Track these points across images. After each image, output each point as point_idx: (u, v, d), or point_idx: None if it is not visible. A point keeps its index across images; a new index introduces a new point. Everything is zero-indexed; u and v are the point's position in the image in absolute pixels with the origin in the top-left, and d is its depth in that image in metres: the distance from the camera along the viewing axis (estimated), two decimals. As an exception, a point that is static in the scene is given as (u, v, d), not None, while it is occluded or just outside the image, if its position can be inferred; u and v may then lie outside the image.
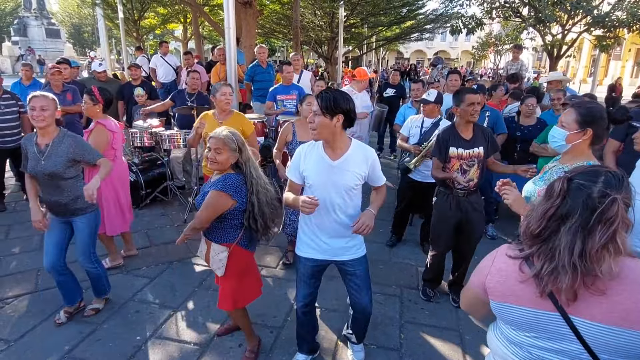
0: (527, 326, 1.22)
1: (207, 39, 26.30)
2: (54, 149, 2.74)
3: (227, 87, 3.72)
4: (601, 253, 1.08)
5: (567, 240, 1.10)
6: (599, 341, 1.12)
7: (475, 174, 3.11)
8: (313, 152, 2.25)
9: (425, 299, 3.44)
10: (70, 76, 5.92)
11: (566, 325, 1.14)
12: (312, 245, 2.36)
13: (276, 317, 3.16)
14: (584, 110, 1.99)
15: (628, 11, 8.96)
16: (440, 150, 3.12)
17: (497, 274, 1.28)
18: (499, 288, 1.26)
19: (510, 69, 8.37)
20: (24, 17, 30.84)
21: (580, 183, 1.13)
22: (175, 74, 8.78)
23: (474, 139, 3.08)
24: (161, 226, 4.77)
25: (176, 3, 16.11)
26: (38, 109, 2.66)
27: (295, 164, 2.29)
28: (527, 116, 4.60)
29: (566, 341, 1.16)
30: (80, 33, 47.79)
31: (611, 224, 1.07)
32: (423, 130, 4.08)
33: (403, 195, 4.38)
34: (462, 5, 11.13)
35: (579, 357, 1.16)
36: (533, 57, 33.51)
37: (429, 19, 19.22)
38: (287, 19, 17.74)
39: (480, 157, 3.10)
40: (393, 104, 7.55)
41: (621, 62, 25.50)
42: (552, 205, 1.15)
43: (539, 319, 1.18)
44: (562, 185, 1.15)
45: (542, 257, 1.15)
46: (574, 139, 1.99)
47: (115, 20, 16.40)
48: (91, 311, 3.14)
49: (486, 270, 1.32)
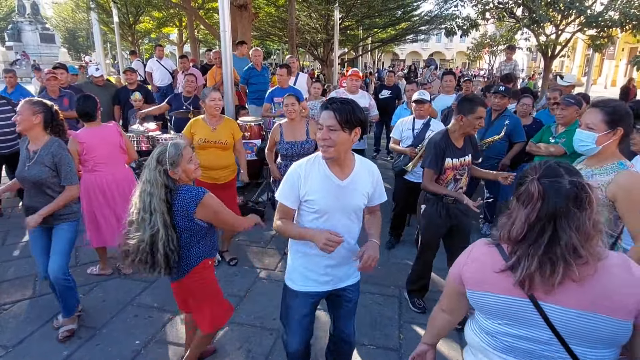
0: (500, 314, 1.26)
1: (203, 42, 26.31)
2: (39, 156, 2.71)
3: (216, 92, 3.67)
4: (594, 235, 1.14)
5: (568, 234, 1.12)
6: (568, 327, 1.16)
7: (465, 181, 3.07)
8: (314, 172, 1.91)
9: (420, 311, 3.28)
10: (67, 81, 5.91)
11: (536, 311, 1.18)
12: (312, 276, 2.04)
13: (275, 319, 3.16)
14: (610, 109, 1.91)
15: (621, 11, 9.03)
16: (438, 161, 2.93)
17: (472, 263, 1.34)
18: (475, 276, 1.31)
19: (504, 69, 8.43)
20: (18, 22, 30.74)
21: (551, 181, 1.16)
22: (172, 77, 8.77)
23: (464, 146, 2.99)
24: (159, 230, 4.76)
25: (171, 7, 16.11)
26: (16, 114, 2.73)
27: (291, 186, 1.92)
28: (523, 116, 4.63)
29: (536, 328, 1.20)
30: (75, 37, 47.71)
31: (592, 206, 1.14)
32: (415, 132, 4.11)
33: (399, 197, 4.41)
34: (457, 7, 11.18)
35: (548, 343, 1.19)
36: (528, 58, 33.66)
37: (423, 21, 19.36)
38: (282, 22, 17.79)
39: (469, 165, 3.04)
40: (389, 105, 7.57)
41: (615, 62, 25.68)
42: (534, 208, 1.16)
43: (510, 305, 1.22)
44: (538, 188, 1.16)
45: (528, 257, 1.17)
46: (604, 140, 1.91)
47: (110, 25, 16.43)
48: (66, 333, 2.90)
49: (462, 262, 1.38)
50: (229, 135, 3.75)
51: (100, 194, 3.47)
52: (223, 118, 3.83)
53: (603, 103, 1.97)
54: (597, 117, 1.93)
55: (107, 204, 3.50)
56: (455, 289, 1.42)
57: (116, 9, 12.90)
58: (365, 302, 3.39)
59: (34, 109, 2.71)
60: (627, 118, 1.91)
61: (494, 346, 1.30)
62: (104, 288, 3.57)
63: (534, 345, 1.21)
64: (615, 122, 1.90)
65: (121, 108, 6.23)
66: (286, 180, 1.95)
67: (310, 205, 1.91)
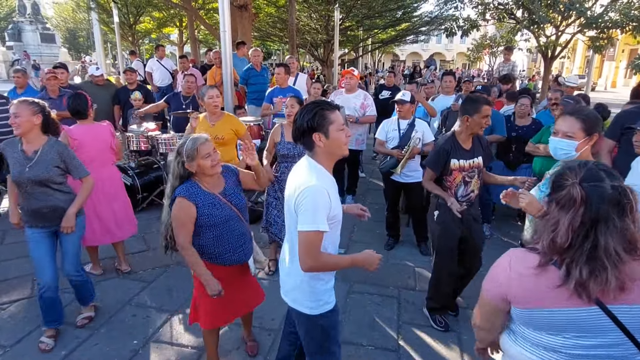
0: (566, 327, 1.21)
1: (203, 42, 26.33)
2: (43, 156, 2.69)
3: (214, 89, 3.76)
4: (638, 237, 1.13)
5: (609, 239, 1.11)
6: (637, 324, 1.16)
7: (476, 184, 2.97)
8: (330, 183, 1.80)
9: (442, 329, 3.08)
10: (67, 81, 5.90)
11: (605, 316, 1.16)
12: (332, 288, 1.99)
13: (274, 319, 3.16)
14: (585, 117, 2.02)
15: (621, 12, 9.03)
16: (439, 161, 2.89)
17: (520, 280, 1.24)
18: (528, 295, 1.23)
19: (502, 70, 8.43)
20: (19, 22, 30.74)
21: (593, 185, 1.14)
22: (172, 77, 8.78)
23: (473, 148, 2.92)
24: (158, 230, 4.71)
25: (172, 7, 16.12)
26: (12, 116, 2.62)
27: (325, 206, 1.71)
28: (521, 117, 4.62)
29: (607, 332, 1.18)
30: (75, 37, 47.77)
31: (634, 210, 1.13)
32: (401, 133, 4.10)
33: (387, 197, 4.47)
34: (457, 8, 11.18)
35: (619, 344, 1.19)
36: (528, 59, 33.70)
37: (423, 21, 19.35)
38: (282, 22, 17.79)
39: (480, 167, 2.95)
40: (389, 106, 7.56)
41: (615, 63, 25.70)
42: (576, 214, 1.13)
43: (578, 316, 1.18)
44: (580, 192, 1.13)
45: (579, 265, 1.14)
46: (583, 146, 2.02)
47: (110, 25, 16.43)
48: (84, 320, 3.07)
49: (503, 280, 1.28)
50: (229, 131, 3.79)
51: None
52: (223, 114, 3.88)
53: (577, 111, 2.07)
54: (575, 126, 2.02)
55: (92, 202, 3.44)
56: (495, 308, 1.35)
57: (117, 9, 12.90)
58: (364, 303, 3.39)
59: (33, 109, 2.68)
60: (599, 123, 2.05)
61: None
62: (103, 288, 3.56)
63: (604, 350, 1.20)
64: (591, 129, 2.01)
65: (121, 108, 6.23)
66: (320, 206, 1.70)
67: (335, 219, 1.80)
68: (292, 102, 3.86)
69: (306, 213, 1.69)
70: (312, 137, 1.77)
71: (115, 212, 3.63)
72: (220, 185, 2.36)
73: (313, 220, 1.68)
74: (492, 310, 1.38)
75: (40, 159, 2.69)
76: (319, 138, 1.76)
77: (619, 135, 3.40)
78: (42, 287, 2.79)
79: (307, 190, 1.70)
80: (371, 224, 4.90)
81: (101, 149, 3.49)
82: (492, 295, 1.33)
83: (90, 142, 3.42)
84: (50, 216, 2.77)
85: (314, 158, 1.82)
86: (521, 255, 1.28)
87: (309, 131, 1.76)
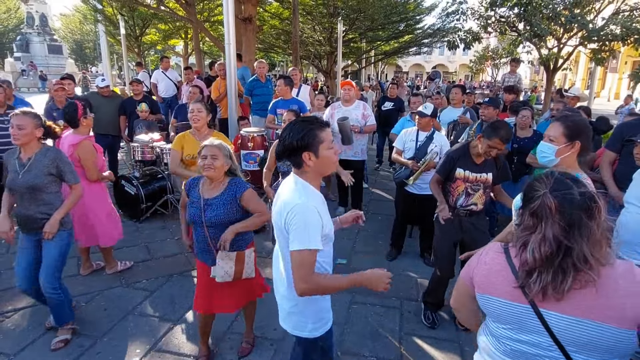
0: (503, 318, 1.30)
1: (208, 54, 26.62)
2: (35, 162, 2.73)
3: (195, 104, 3.63)
4: (602, 243, 1.16)
5: (582, 244, 1.14)
6: (567, 334, 1.18)
7: (479, 199, 3.02)
8: (319, 202, 1.74)
9: (429, 325, 3.23)
10: (74, 92, 5.99)
11: (536, 317, 1.21)
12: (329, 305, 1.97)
13: (276, 329, 3.16)
14: (570, 123, 2.03)
15: (622, 25, 9.09)
16: (446, 167, 3.05)
17: (482, 266, 1.38)
18: (483, 280, 1.36)
19: (508, 81, 8.48)
20: (27, 34, 31.31)
21: (563, 193, 1.18)
22: (176, 88, 8.88)
23: (484, 164, 2.98)
24: (161, 239, 4.79)
25: (177, 20, 16.34)
26: (15, 127, 2.65)
27: (318, 227, 1.65)
28: (522, 128, 4.65)
29: (536, 333, 1.23)
30: (82, 49, 48.42)
31: (601, 215, 1.16)
32: (418, 144, 4.12)
33: (399, 208, 4.43)
34: (459, 20, 11.28)
35: (548, 349, 1.22)
36: (530, 71, 33.83)
37: (426, 34, 19.51)
38: (286, 34, 17.98)
39: (487, 183, 3.00)
40: (391, 117, 7.62)
41: (618, 75, 25.74)
42: (553, 222, 1.17)
43: (513, 311, 1.26)
44: (553, 202, 1.17)
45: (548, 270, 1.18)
46: (563, 152, 2.03)
47: (117, 37, 16.63)
48: (60, 343, 2.91)
49: (473, 264, 1.42)
50: None
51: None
52: (212, 132, 3.74)
53: (565, 117, 2.09)
54: (558, 131, 2.04)
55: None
56: (465, 290, 1.47)
57: (123, 21, 13.10)
58: (366, 314, 3.39)
59: (36, 123, 2.73)
60: (586, 133, 2.03)
61: (499, 349, 1.35)
62: (106, 297, 3.58)
63: (535, 350, 1.25)
64: (574, 136, 2.01)
65: (127, 118, 6.31)
66: (311, 224, 1.63)
67: (325, 237, 1.72)
68: (289, 116, 3.91)
69: (297, 231, 1.61)
70: (301, 156, 1.70)
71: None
72: (214, 192, 2.49)
73: (305, 238, 1.60)
74: (461, 290, 1.51)
75: (33, 166, 2.73)
76: (308, 157, 1.70)
77: (620, 148, 3.41)
78: (43, 290, 2.86)
79: (297, 207, 1.64)
80: (374, 235, 4.91)
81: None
82: (462, 275, 1.48)
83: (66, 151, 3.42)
84: (35, 226, 2.79)
85: (302, 177, 1.75)
86: (492, 246, 1.42)
87: (298, 150, 1.69)
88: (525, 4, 9.48)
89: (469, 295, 1.45)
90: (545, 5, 9.64)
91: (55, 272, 2.87)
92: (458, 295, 1.55)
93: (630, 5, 10.10)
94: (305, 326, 1.87)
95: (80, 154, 3.46)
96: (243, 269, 2.51)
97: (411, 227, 4.85)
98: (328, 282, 1.67)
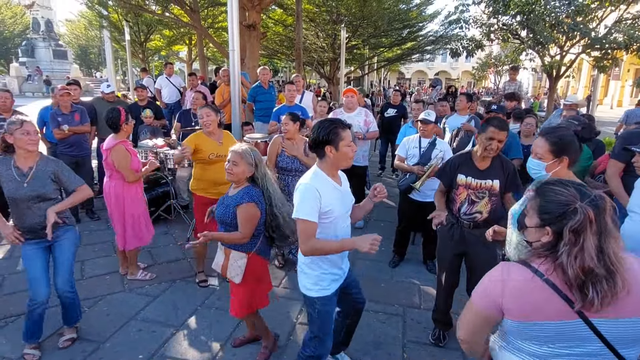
0: (551, 338, 1.28)
1: (212, 60, 26.78)
2: (39, 171, 2.75)
3: (202, 109, 3.67)
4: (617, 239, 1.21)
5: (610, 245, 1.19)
6: (617, 335, 1.22)
7: (485, 207, 2.84)
8: (324, 184, 2.12)
9: (432, 342, 3.13)
10: (79, 97, 6.02)
11: (588, 328, 1.22)
12: (335, 277, 2.30)
13: (279, 336, 3.15)
14: (555, 139, 2.04)
15: (625, 33, 9.11)
16: (445, 171, 2.96)
17: (516, 293, 1.28)
18: (522, 307, 1.27)
19: (508, 89, 8.49)
20: (32, 39, 31.59)
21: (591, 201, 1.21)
22: (180, 94, 8.93)
23: (489, 170, 2.83)
24: (164, 245, 4.79)
25: (182, 26, 16.47)
26: (33, 132, 2.69)
27: (313, 202, 2.04)
28: (527, 136, 4.66)
29: (588, 342, 1.24)
30: (86, 54, 48.82)
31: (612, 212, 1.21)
32: (422, 151, 4.12)
33: (403, 215, 4.41)
34: (462, 28, 11.33)
35: (599, 354, 1.25)
36: (533, 78, 33.86)
37: (429, 41, 19.60)
38: (289, 41, 18.10)
39: (494, 191, 2.81)
40: (394, 124, 7.64)
41: (620, 82, 25.74)
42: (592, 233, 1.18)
43: (564, 329, 1.25)
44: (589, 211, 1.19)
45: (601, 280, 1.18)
46: (552, 168, 2.05)
47: (121, 42, 16.78)
48: (67, 342, 2.99)
49: (498, 292, 1.31)
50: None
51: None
52: (222, 132, 3.85)
53: (549, 132, 2.08)
54: (544, 148, 2.06)
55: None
56: (486, 319, 1.38)
57: (128, 27, 13.22)
58: (369, 321, 3.38)
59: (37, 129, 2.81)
60: (571, 146, 2.04)
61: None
62: (109, 302, 3.59)
63: (586, 358, 1.27)
64: (559, 152, 2.03)
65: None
66: (307, 198, 2.05)
67: (327, 215, 2.10)
68: (286, 119, 3.98)
69: (296, 203, 2.07)
70: (324, 149, 2.10)
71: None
72: (233, 192, 2.63)
73: (300, 209, 2.04)
74: (481, 321, 1.40)
75: (37, 175, 2.74)
76: (330, 150, 2.10)
77: (629, 157, 3.36)
78: (35, 303, 2.80)
79: (301, 186, 2.10)
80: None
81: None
82: (483, 305, 1.36)
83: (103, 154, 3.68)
84: (41, 232, 2.77)
85: (320, 166, 2.17)
86: (514, 268, 1.33)
87: (322, 143, 2.09)
88: (528, 12, 9.52)
89: (489, 324, 1.39)
90: (548, 13, 9.68)
91: (71, 271, 2.95)
92: (474, 327, 1.43)
93: (633, 14, 10.13)
94: (304, 285, 2.28)
95: (114, 157, 3.60)
96: (227, 266, 2.60)
97: (414, 234, 4.84)
98: (322, 245, 2.07)
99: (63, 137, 5.10)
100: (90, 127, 5.64)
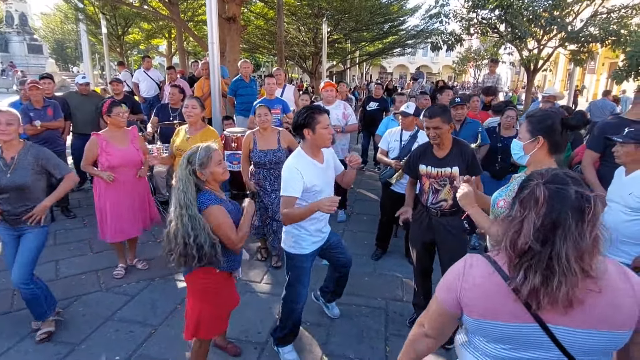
0: (507, 339, 1.20)
1: (192, 54, 26.37)
2: (20, 161, 2.73)
3: (192, 100, 3.73)
4: (593, 251, 1.09)
5: (565, 246, 1.08)
6: (576, 345, 1.14)
7: (448, 194, 2.88)
8: (305, 164, 2.47)
9: (409, 326, 3.15)
10: (52, 91, 5.82)
11: (545, 334, 1.15)
12: (315, 240, 2.66)
13: (260, 333, 3.12)
14: (534, 119, 2.01)
15: (600, 27, 9.30)
16: (408, 164, 3.07)
17: (474, 289, 1.23)
18: (481, 304, 1.22)
19: (487, 81, 8.57)
20: (6, 33, 30.48)
21: (557, 187, 1.12)
22: (159, 88, 8.74)
23: (448, 157, 2.87)
24: (143, 242, 4.68)
25: (160, 19, 16.13)
26: (4, 123, 2.64)
27: (295, 180, 2.40)
28: (507, 128, 4.70)
29: (545, 350, 1.17)
30: (63, 49, 47.47)
31: (596, 220, 1.10)
32: (402, 144, 4.12)
33: (385, 207, 4.41)
34: (442, 22, 11.39)
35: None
36: (511, 72, 34.42)
37: (410, 35, 19.69)
38: (271, 35, 17.94)
39: (454, 178, 2.79)
40: (376, 117, 7.63)
41: (596, 76, 26.35)
42: (538, 214, 1.11)
43: (520, 332, 1.17)
44: (544, 192, 1.11)
45: (537, 270, 1.11)
46: (529, 148, 2.00)
47: (98, 36, 16.35)
48: (43, 335, 2.93)
49: (458, 286, 1.26)
50: None
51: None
52: (204, 128, 3.81)
53: (532, 114, 2.06)
54: (524, 127, 2.03)
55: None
56: (447, 314, 1.31)
57: (104, 20, 12.86)
58: (351, 314, 3.37)
59: (19, 119, 2.76)
60: (551, 128, 1.96)
61: None
62: (84, 302, 3.48)
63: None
64: (537, 131, 1.97)
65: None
66: (290, 178, 2.41)
67: (313, 189, 2.48)
68: (263, 110, 4.01)
69: (282, 181, 2.45)
70: (303, 131, 2.45)
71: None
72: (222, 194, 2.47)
73: (284, 187, 2.42)
74: (441, 315, 1.33)
75: (18, 165, 2.72)
76: (307, 133, 2.45)
77: (603, 147, 3.42)
78: (15, 285, 2.84)
79: (285, 165, 2.47)
80: (359, 235, 4.90)
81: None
82: (443, 299, 1.30)
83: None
84: (17, 220, 2.80)
85: (302, 146, 2.54)
86: (476, 262, 1.27)
87: (301, 127, 2.45)
88: (506, 5, 9.63)
89: (451, 318, 1.31)
90: (526, 8, 9.81)
91: (28, 266, 2.85)
92: (436, 322, 1.35)
93: (608, 8, 10.35)
94: (285, 242, 2.68)
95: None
96: None
97: (396, 227, 4.85)
98: (295, 212, 2.37)
99: (35, 133, 4.91)
100: (65, 122, 5.45)
